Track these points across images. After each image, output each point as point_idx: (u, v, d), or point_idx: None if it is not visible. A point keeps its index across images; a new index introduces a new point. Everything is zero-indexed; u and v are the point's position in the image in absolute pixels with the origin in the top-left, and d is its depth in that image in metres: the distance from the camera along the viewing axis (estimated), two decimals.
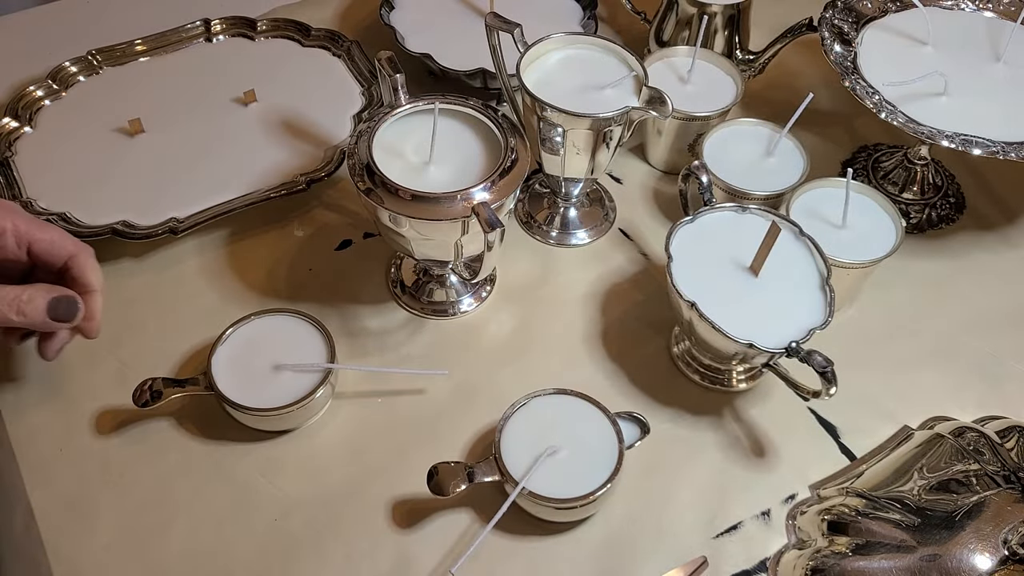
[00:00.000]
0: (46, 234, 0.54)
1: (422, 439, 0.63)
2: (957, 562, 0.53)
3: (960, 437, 0.60)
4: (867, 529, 0.56)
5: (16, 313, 0.52)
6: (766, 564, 0.58)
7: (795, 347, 0.57)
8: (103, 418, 0.63)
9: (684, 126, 0.77)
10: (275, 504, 0.60)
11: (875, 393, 0.67)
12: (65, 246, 0.55)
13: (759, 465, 0.63)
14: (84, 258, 0.56)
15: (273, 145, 0.78)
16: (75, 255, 0.55)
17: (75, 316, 0.54)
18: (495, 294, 0.72)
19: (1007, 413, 0.65)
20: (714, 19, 0.81)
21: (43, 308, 0.53)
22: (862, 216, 0.69)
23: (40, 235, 0.54)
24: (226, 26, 0.88)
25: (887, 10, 0.80)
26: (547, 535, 0.59)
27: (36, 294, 0.52)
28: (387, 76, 0.64)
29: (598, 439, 0.59)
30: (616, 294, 0.72)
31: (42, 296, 0.53)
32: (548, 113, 0.65)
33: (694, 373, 0.67)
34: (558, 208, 0.76)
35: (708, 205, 0.66)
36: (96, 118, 0.79)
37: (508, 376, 0.66)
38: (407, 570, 0.57)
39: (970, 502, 0.55)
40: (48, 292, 0.53)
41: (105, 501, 0.59)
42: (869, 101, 0.71)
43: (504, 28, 0.69)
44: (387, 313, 0.70)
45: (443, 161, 0.62)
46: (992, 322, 0.72)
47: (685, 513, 0.60)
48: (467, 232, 0.61)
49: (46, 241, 0.54)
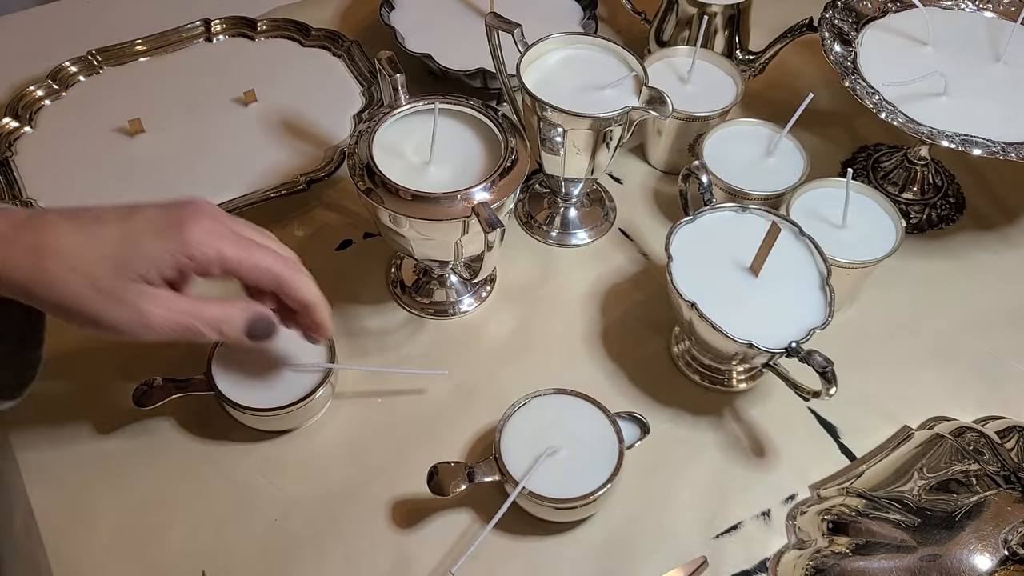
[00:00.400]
0: (253, 261, 0.52)
1: (422, 439, 0.63)
2: (957, 562, 0.53)
3: (960, 437, 0.60)
4: (867, 529, 0.56)
5: (215, 333, 0.52)
6: (766, 564, 0.58)
7: (795, 347, 0.57)
8: (103, 418, 0.63)
9: (684, 126, 0.77)
10: (275, 504, 0.60)
11: (875, 393, 0.67)
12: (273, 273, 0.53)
13: (759, 465, 0.63)
14: (293, 280, 0.54)
15: (273, 145, 0.78)
16: (283, 281, 0.53)
17: (272, 335, 0.54)
18: (495, 294, 0.72)
19: (1007, 413, 0.65)
20: (714, 19, 0.81)
21: (241, 328, 0.53)
22: (862, 216, 0.69)
23: (247, 263, 0.52)
24: (226, 26, 0.88)
25: (887, 10, 0.80)
26: (547, 535, 0.59)
27: (235, 314, 0.53)
28: (387, 76, 0.64)
29: (598, 439, 0.59)
30: (616, 294, 0.72)
31: (240, 317, 0.53)
32: (548, 113, 0.65)
33: (694, 373, 0.67)
34: (558, 208, 0.76)
35: (708, 205, 0.66)
36: (96, 118, 0.79)
37: (508, 376, 0.66)
38: (407, 570, 0.57)
39: (970, 502, 0.55)
40: (245, 311, 0.53)
41: (105, 501, 0.59)
42: (869, 101, 0.71)
43: (504, 28, 0.69)
44: (387, 313, 0.70)
45: (443, 161, 0.62)
46: (992, 322, 0.72)
47: (685, 513, 0.60)
48: (467, 232, 0.61)
49: (254, 271, 0.52)
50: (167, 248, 0.49)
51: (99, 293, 0.49)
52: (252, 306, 0.54)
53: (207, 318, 0.51)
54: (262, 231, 0.55)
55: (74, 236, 0.49)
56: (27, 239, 0.49)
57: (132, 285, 0.49)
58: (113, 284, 0.49)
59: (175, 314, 0.50)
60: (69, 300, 0.49)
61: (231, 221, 0.53)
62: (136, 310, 0.49)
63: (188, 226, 0.50)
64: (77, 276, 0.48)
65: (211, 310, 0.52)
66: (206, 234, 0.50)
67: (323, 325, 0.56)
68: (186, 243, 0.50)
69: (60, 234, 0.49)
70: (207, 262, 0.50)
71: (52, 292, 0.49)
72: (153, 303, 0.50)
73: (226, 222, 0.52)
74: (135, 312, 0.49)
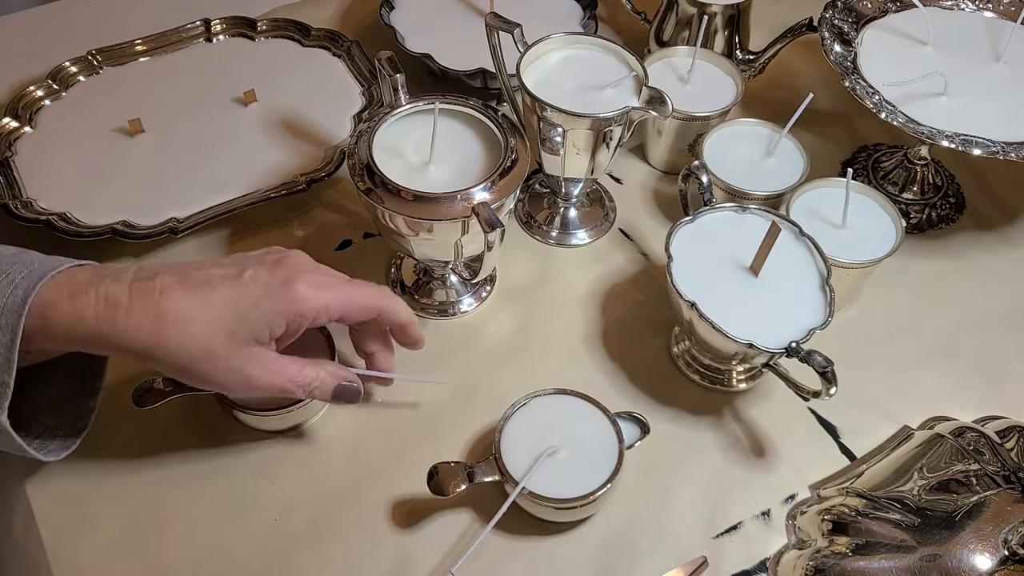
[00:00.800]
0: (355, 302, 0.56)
1: (422, 439, 0.63)
2: (957, 562, 0.53)
3: (960, 437, 0.60)
4: (867, 529, 0.56)
5: (305, 394, 0.56)
6: (766, 564, 0.58)
7: (795, 347, 0.57)
8: (103, 418, 0.63)
9: (684, 126, 0.77)
10: (275, 504, 0.60)
11: (875, 393, 0.67)
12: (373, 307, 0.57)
13: (759, 465, 0.63)
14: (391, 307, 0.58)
15: (273, 145, 0.78)
16: (383, 310, 0.58)
17: (356, 400, 0.58)
18: (495, 294, 0.72)
19: (1007, 413, 0.65)
20: (714, 19, 0.81)
21: (330, 393, 0.57)
22: (862, 216, 0.69)
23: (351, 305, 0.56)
24: (226, 26, 0.88)
25: (887, 10, 0.80)
26: (547, 535, 0.59)
27: (327, 381, 0.57)
28: (387, 76, 0.64)
29: (598, 439, 0.59)
30: (616, 294, 0.72)
31: (330, 383, 0.57)
32: (548, 113, 0.65)
33: (694, 373, 0.67)
34: (558, 208, 0.76)
35: (708, 205, 0.66)
36: (96, 118, 0.79)
37: (508, 376, 0.66)
38: (407, 570, 0.57)
39: (970, 502, 0.55)
40: (335, 378, 0.57)
41: (105, 501, 0.59)
42: (869, 101, 0.71)
43: (504, 28, 0.69)
44: None
45: (443, 161, 0.62)
46: (992, 322, 0.72)
47: (685, 513, 0.60)
48: (467, 232, 0.61)
49: (357, 311, 0.57)
50: (278, 309, 0.53)
51: (211, 358, 0.52)
52: (341, 371, 0.58)
53: (302, 383, 0.55)
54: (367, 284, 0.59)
55: (188, 302, 0.52)
56: (145, 305, 0.51)
57: (243, 349, 0.53)
58: (226, 350, 0.52)
59: (276, 377, 0.54)
60: (185, 364, 0.52)
61: (324, 269, 0.57)
62: (244, 374, 0.53)
63: (295, 285, 0.53)
64: (194, 343, 0.51)
65: (307, 375, 0.56)
66: (312, 289, 0.54)
67: (418, 339, 0.62)
68: (296, 302, 0.53)
69: (174, 300, 0.51)
70: (316, 315, 0.54)
71: (170, 358, 0.52)
72: (259, 368, 0.54)
73: (323, 271, 0.56)
74: (243, 376, 0.53)
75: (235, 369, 0.53)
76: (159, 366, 0.53)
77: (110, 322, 0.51)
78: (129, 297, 0.51)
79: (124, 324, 0.51)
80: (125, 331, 0.51)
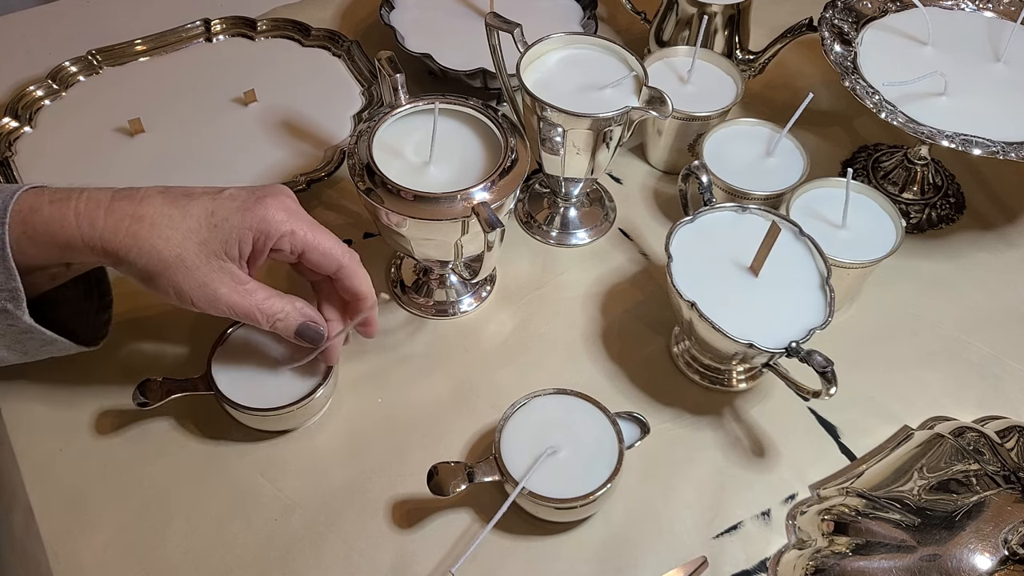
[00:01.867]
0: (320, 243, 0.57)
1: (422, 439, 0.63)
2: (957, 562, 0.53)
3: (960, 437, 0.60)
4: (867, 529, 0.56)
5: (270, 325, 0.57)
6: (766, 564, 0.58)
7: (795, 347, 0.57)
8: (103, 418, 0.63)
9: (684, 126, 0.77)
10: (275, 504, 0.60)
11: (875, 393, 0.67)
12: (335, 257, 0.58)
13: (759, 465, 0.63)
14: (352, 269, 0.58)
15: (273, 145, 0.78)
16: (343, 267, 0.58)
17: (319, 343, 0.59)
18: (495, 294, 0.72)
19: (1007, 413, 0.65)
20: (714, 19, 0.81)
21: (293, 328, 0.58)
22: (862, 216, 0.69)
23: (314, 244, 0.57)
24: (226, 26, 0.88)
25: (887, 10, 0.80)
26: (547, 535, 0.59)
27: (292, 314, 0.58)
28: (387, 76, 0.64)
29: (598, 439, 0.59)
30: (616, 294, 0.72)
31: (295, 317, 0.58)
32: (548, 113, 0.65)
33: (694, 373, 0.67)
34: (558, 208, 0.76)
35: (708, 205, 0.66)
36: (96, 118, 0.79)
37: (508, 376, 0.66)
38: (407, 570, 0.57)
39: (970, 502, 0.55)
40: (302, 314, 0.58)
41: (105, 501, 0.59)
42: (869, 101, 0.71)
43: (504, 28, 0.69)
44: (387, 313, 0.70)
45: (443, 161, 0.62)
46: (992, 322, 0.72)
47: (685, 513, 0.60)
48: (467, 232, 0.61)
49: (318, 252, 0.57)
50: (248, 224, 0.54)
51: (182, 264, 0.54)
52: (308, 310, 0.59)
53: (268, 312, 0.57)
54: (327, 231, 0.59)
55: (166, 208, 0.54)
56: (126, 208, 0.54)
57: (214, 261, 0.54)
58: (197, 259, 0.54)
59: (243, 300, 0.56)
60: (156, 268, 0.54)
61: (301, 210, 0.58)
62: (211, 289, 0.55)
63: (269, 205, 0.55)
64: (167, 247, 0.53)
65: (274, 304, 0.57)
66: (284, 212, 0.56)
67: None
68: (266, 220, 0.55)
69: (153, 205, 0.54)
70: (281, 237, 0.55)
71: (142, 260, 0.53)
72: (227, 286, 0.55)
73: (302, 209, 0.58)
74: (211, 291, 0.55)
75: (204, 282, 0.54)
76: (132, 271, 0.54)
77: (90, 221, 0.53)
78: (111, 200, 0.54)
79: (103, 224, 0.53)
80: (104, 231, 0.53)
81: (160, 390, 0.60)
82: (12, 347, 0.58)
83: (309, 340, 0.59)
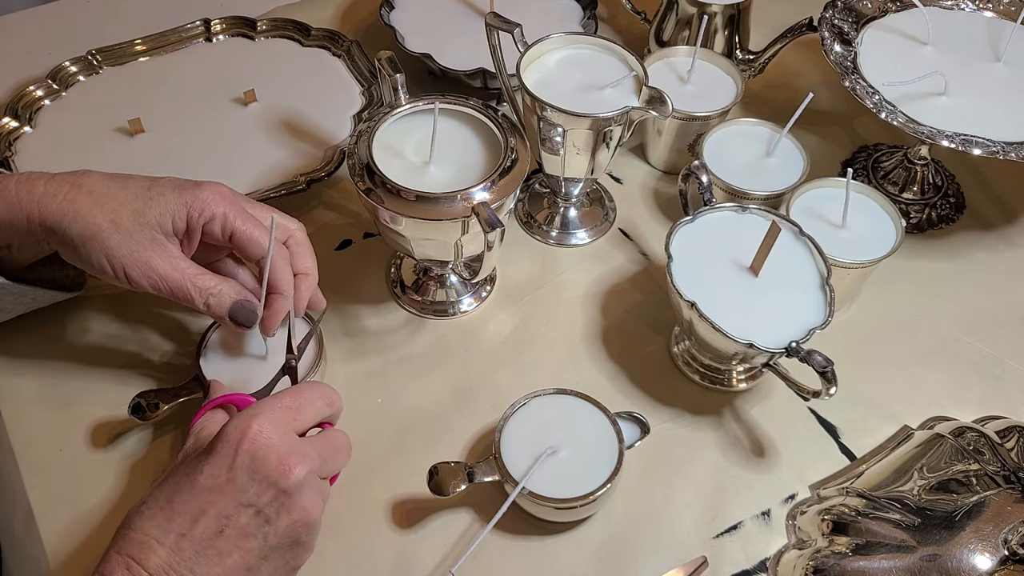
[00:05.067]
0: (247, 230, 0.58)
1: (422, 439, 0.63)
2: (957, 562, 0.53)
3: (960, 437, 0.60)
4: (867, 529, 0.56)
5: (203, 303, 0.57)
6: (766, 564, 0.58)
7: (795, 347, 0.57)
8: (103, 419, 0.63)
9: (684, 126, 0.77)
10: None
11: (875, 393, 0.67)
12: (260, 247, 0.58)
13: (759, 465, 0.63)
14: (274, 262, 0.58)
15: (273, 145, 0.78)
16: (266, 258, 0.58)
17: (252, 324, 0.59)
18: (495, 294, 0.72)
19: (1007, 413, 0.65)
20: (714, 19, 0.81)
21: (226, 307, 0.58)
22: (862, 216, 0.69)
23: (242, 229, 0.57)
24: (226, 26, 0.88)
25: (887, 10, 0.80)
26: (547, 535, 0.59)
27: (225, 292, 0.58)
28: (387, 76, 0.64)
29: (598, 439, 0.59)
30: (616, 294, 0.72)
31: (228, 297, 0.58)
32: (548, 113, 0.65)
33: (694, 373, 0.67)
34: (558, 208, 0.76)
35: (708, 205, 0.66)
36: (96, 118, 0.79)
37: (508, 376, 0.66)
38: (407, 570, 0.57)
39: (970, 502, 0.55)
40: (236, 294, 0.58)
41: (105, 501, 0.59)
42: (869, 101, 0.71)
43: (504, 28, 0.69)
44: (387, 313, 0.70)
45: (443, 161, 0.62)
46: (992, 322, 0.72)
47: (685, 513, 0.60)
48: (467, 232, 0.61)
49: (244, 237, 0.58)
50: (182, 201, 0.56)
51: (116, 230, 0.55)
52: (243, 291, 0.59)
53: (201, 287, 0.57)
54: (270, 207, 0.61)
55: (104, 180, 0.57)
56: (66, 178, 0.56)
57: (147, 231, 0.56)
58: (131, 226, 0.55)
59: (176, 272, 0.56)
60: (89, 231, 0.55)
61: (243, 200, 0.59)
62: (144, 257, 0.55)
63: (205, 186, 0.57)
64: (102, 211, 0.55)
65: (207, 281, 0.57)
66: (218, 196, 0.57)
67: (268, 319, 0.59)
68: (199, 199, 0.56)
69: (92, 177, 0.57)
70: (212, 218, 0.57)
71: (77, 223, 0.55)
72: (161, 258, 0.56)
73: (239, 198, 0.59)
74: (143, 259, 0.55)
75: (135, 250, 0.55)
76: (65, 238, 0.55)
77: (29, 188, 0.55)
78: (52, 175, 0.57)
79: (43, 191, 0.55)
80: (43, 197, 0.55)
81: (154, 404, 0.60)
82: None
83: (243, 320, 0.58)
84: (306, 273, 0.61)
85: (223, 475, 0.48)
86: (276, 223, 0.58)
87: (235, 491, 0.48)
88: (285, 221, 0.61)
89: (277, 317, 0.59)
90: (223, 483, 0.47)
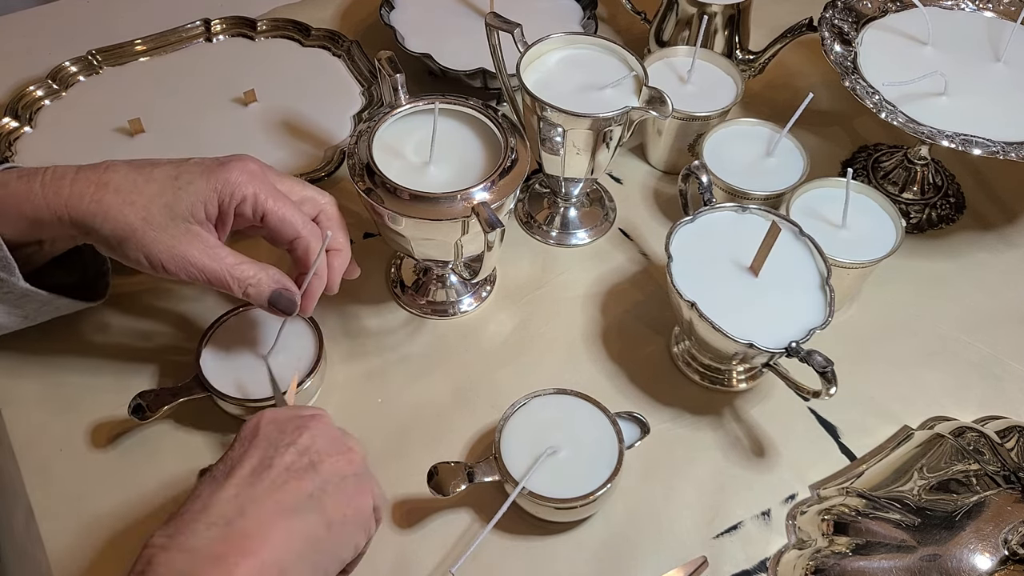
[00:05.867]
0: (279, 210, 0.57)
1: (422, 439, 0.63)
2: (957, 562, 0.53)
3: (960, 437, 0.60)
4: (867, 529, 0.56)
5: (242, 292, 0.57)
6: (766, 564, 0.58)
7: (795, 347, 0.57)
8: (103, 419, 0.63)
9: (684, 126, 0.77)
10: None
11: (875, 393, 0.67)
12: (293, 228, 0.57)
13: (759, 465, 0.63)
14: (306, 242, 0.58)
15: (273, 145, 0.78)
16: (299, 238, 0.58)
17: (292, 311, 0.58)
18: (495, 294, 0.72)
19: (1007, 413, 0.65)
20: (714, 19, 0.81)
21: (265, 296, 0.57)
22: (862, 216, 0.69)
23: (273, 209, 0.56)
24: (226, 26, 0.88)
25: (887, 10, 0.80)
26: (547, 535, 0.59)
27: (264, 281, 0.57)
28: (387, 76, 0.64)
29: (598, 439, 0.59)
30: (616, 294, 0.72)
31: (267, 286, 0.57)
32: (548, 113, 0.65)
33: (694, 373, 0.67)
34: (558, 208, 0.76)
35: (708, 205, 0.66)
36: (96, 118, 0.79)
37: (508, 376, 0.66)
38: (407, 570, 0.57)
39: (970, 502, 0.55)
40: (274, 283, 0.57)
41: (105, 501, 0.59)
42: (869, 101, 0.71)
43: (504, 28, 0.69)
44: (387, 313, 0.70)
45: (443, 161, 0.62)
46: (992, 322, 0.72)
47: (685, 513, 0.60)
48: (467, 232, 0.61)
49: (276, 217, 0.57)
50: (211, 186, 0.55)
51: (150, 227, 0.54)
52: (282, 278, 0.58)
53: (239, 276, 0.56)
54: (301, 180, 0.60)
55: (130, 175, 0.55)
56: (91, 176, 0.54)
57: (181, 224, 0.55)
58: (164, 221, 0.54)
59: (214, 263, 0.55)
60: (123, 232, 0.54)
61: (273, 174, 0.58)
62: (181, 251, 0.55)
63: (232, 166, 0.56)
64: (133, 210, 0.54)
65: (245, 270, 0.56)
66: (247, 176, 0.56)
67: (307, 300, 0.59)
68: (229, 182, 0.55)
69: (118, 172, 0.55)
70: (243, 199, 0.56)
71: (108, 224, 0.54)
72: (198, 248, 0.55)
73: (268, 173, 0.58)
74: (180, 253, 0.55)
75: (172, 244, 0.54)
76: (99, 236, 0.54)
77: (55, 190, 0.54)
78: (76, 172, 0.55)
79: (68, 192, 0.54)
80: (69, 198, 0.54)
81: (155, 402, 0.60)
82: (12, 312, 0.59)
83: (283, 308, 0.58)
84: (338, 249, 0.61)
85: (248, 442, 0.49)
86: (305, 197, 0.58)
87: (267, 445, 0.49)
88: (315, 195, 0.60)
89: (314, 299, 0.59)
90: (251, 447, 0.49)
